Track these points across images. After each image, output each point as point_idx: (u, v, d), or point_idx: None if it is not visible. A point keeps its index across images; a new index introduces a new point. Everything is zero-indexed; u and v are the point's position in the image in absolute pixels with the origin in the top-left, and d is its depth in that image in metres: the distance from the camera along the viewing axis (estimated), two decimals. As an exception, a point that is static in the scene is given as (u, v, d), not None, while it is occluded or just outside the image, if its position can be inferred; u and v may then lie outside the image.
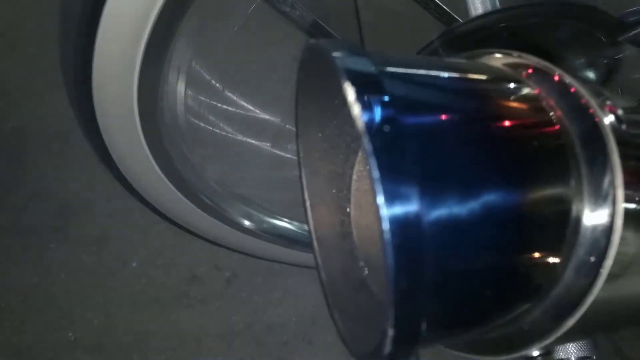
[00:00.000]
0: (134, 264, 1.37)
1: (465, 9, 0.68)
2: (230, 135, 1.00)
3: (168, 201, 0.88)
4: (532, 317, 0.35)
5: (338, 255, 0.41)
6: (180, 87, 0.82)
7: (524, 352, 0.36)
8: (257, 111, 0.99)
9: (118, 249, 1.38)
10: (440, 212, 0.27)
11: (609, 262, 0.32)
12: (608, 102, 0.35)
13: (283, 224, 1.04)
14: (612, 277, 0.33)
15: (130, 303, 1.34)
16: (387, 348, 0.26)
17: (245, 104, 0.98)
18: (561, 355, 0.66)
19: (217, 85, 0.94)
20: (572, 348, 0.66)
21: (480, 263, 0.30)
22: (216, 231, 1.01)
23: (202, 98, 0.93)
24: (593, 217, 0.33)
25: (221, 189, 0.97)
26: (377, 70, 0.28)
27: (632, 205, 0.34)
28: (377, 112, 0.26)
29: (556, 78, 0.36)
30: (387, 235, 0.24)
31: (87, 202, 1.40)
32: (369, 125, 0.25)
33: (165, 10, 0.57)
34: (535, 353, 0.36)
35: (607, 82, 0.77)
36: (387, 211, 0.24)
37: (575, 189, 0.33)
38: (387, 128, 0.25)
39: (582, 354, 0.59)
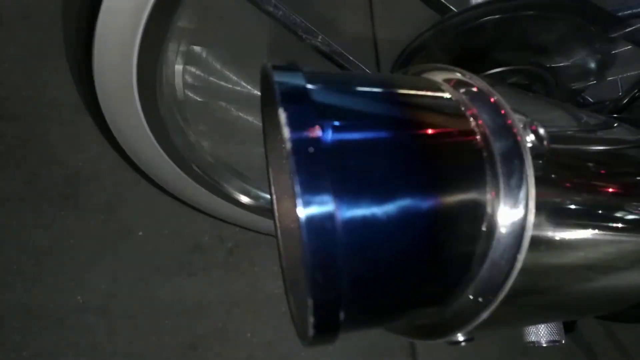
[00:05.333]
0: (140, 233, 1.41)
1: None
2: (227, 111, 1.02)
3: (166, 175, 0.91)
4: (453, 309, 0.39)
5: (299, 244, 0.46)
6: (180, 62, 0.84)
7: (448, 338, 0.40)
8: (254, 89, 1.01)
9: (125, 217, 1.42)
10: (357, 218, 0.32)
11: (514, 274, 0.36)
12: (535, 123, 0.38)
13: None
14: (523, 284, 0.38)
15: (136, 270, 1.38)
16: (310, 332, 0.31)
17: (243, 82, 1.00)
18: (532, 338, 0.69)
19: (215, 63, 0.96)
20: (543, 331, 0.70)
21: (396, 263, 0.34)
22: (214, 205, 1.04)
23: (201, 74, 0.95)
24: (507, 225, 0.36)
25: (218, 164, 0.99)
26: (310, 95, 0.32)
27: (544, 215, 0.38)
28: (305, 134, 0.30)
29: (492, 100, 0.39)
30: (306, 239, 0.29)
31: (96, 171, 1.44)
32: (295, 146, 0.29)
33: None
34: (461, 338, 0.40)
35: (602, 76, 0.78)
36: (306, 221, 0.29)
37: (492, 200, 0.37)
38: (311, 150, 0.29)
39: (552, 338, 0.64)
